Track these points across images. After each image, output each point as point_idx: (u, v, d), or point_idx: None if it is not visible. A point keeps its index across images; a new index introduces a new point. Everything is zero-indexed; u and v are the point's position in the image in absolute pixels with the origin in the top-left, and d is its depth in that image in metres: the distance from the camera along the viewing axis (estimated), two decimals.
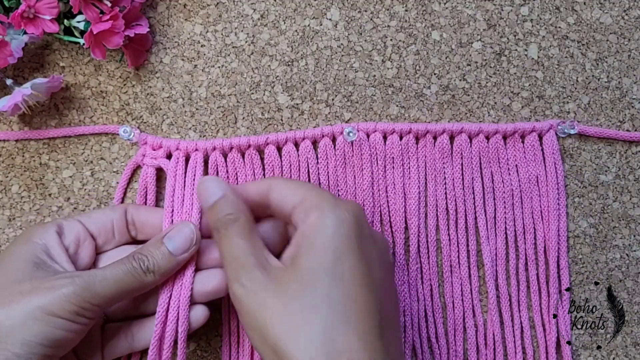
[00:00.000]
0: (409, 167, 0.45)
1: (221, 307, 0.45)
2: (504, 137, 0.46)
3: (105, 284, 0.36)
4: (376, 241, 0.38)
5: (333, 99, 0.46)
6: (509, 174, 0.46)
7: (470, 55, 0.46)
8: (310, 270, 0.34)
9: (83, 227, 0.41)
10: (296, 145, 0.46)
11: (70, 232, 0.40)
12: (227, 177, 0.45)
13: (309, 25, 0.46)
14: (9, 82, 0.44)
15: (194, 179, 0.43)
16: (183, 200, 0.43)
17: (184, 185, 0.43)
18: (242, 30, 0.46)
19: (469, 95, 0.46)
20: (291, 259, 0.36)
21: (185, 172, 0.44)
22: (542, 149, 0.46)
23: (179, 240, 0.39)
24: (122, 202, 0.46)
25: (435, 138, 0.46)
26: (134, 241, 0.43)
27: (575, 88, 0.47)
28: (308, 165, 0.45)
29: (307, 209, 0.36)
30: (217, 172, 0.45)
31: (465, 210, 0.45)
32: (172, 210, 0.42)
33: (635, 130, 0.47)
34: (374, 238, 0.37)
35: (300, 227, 0.36)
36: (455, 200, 0.45)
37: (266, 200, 0.39)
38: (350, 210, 0.36)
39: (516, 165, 0.46)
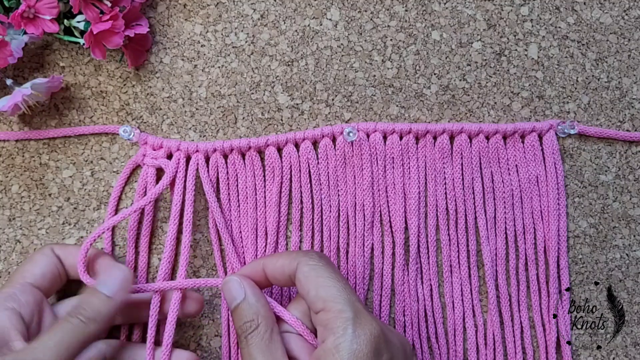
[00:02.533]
0: (409, 167, 0.45)
1: (221, 308, 0.45)
2: (504, 137, 0.46)
3: (49, 353, 0.35)
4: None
5: (333, 99, 0.46)
6: (509, 174, 0.46)
7: (470, 55, 0.46)
8: None
9: (37, 290, 0.40)
10: (296, 146, 0.46)
11: (28, 303, 0.39)
12: (228, 178, 0.45)
13: (309, 25, 0.46)
14: (9, 82, 0.44)
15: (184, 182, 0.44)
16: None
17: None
18: (242, 30, 0.46)
19: (469, 95, 0.46)
20: None
21: (186, 173, 0.44)
22: (542, 149, 0.46)
23: (112, 283, 0.39)
24: (119, 202, 0.46)
25: (435, 138, 0.46)
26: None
27: (575, 88, 0.47)
28: (309, 165, 0.45)
29: (325, 325, 0.35)
30: (218, 174, 0.45)
31: (465, 210, 0.45)
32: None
33: (635, 130, 0.47)
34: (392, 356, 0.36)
35: (319, 346, 0.35)
36: (455, 200, 0.45)
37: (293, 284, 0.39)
38: (368, 341, 0.35)
39: (516, 165, 0.46)
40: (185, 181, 0.44)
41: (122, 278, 0.40)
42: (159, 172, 0.45)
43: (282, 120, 0.46)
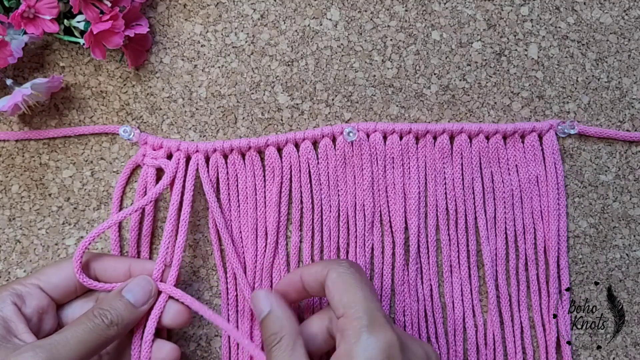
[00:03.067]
0: (409, 167, 0.45)
1: (221, 308, 0.45)
2: (504, 137, 0.46)
3: (69, 348, 0.36)
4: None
5: (333, 99, 0.46)
6: (509, 174, 0.46)
7: (470, 55, 0.46)
8: None
9: (44, 294, 0.40)
10: (296, 146, 0.46)
11: (32, 301, 0.39)
12: (228, 178, 0.45)
13: (309, 25, 0.46)
14: (9, 82, 0.44)
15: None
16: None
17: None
18: (242, 30, 0.46)
19: (469, 95, 0.46)
20: None
21: (185, 174, 0.44)
22: (542, 149, 0.46)
23: (138, 292, 0.40)
24: (121, 201, 0.46)
25: (435, 138, 0.46)
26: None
27: (575, 88, 0.47)
28: (309, 165, 0.45)
29: (342, 331, 0.36)
30: (218, 174, 0.45)
31: (465, 210, 0.45)
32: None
33: (635, 130, 0.47)
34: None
35: (336, 350, 0.36)
36: (455, 200, 0.45)
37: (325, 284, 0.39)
38: (380, 346, 0.35)
39: (516, 165, 0.46)
40: (184, 181, 0.44)
41: (150, 291, 0.41)
42: (159, 172, 0.45)
43: (282, 120, 0.46)
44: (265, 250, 0.45)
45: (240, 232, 0.45)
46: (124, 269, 0.42)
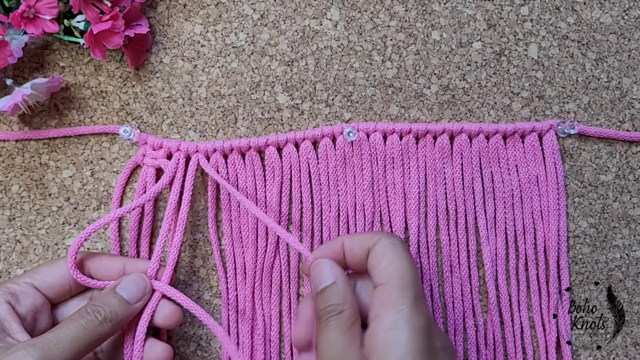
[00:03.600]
0: (409, 167, 0.45)
1: (221, 308, 0.45)
2: (504, 137, 0.46)
3: (62, 345, 0.35)
4: (446, 352, 0.36)
5: (333, 99, 0.46)
6: (509, 174, 0.46)
7: (470, 55, 0.46)
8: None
9: (39, 293, 0.40)
10: (296, 146, 0.46)
11: (26, 300, 0.39)
12: (228, 178, 0.45)
13: (309, 25, 0.46)
14: (9, 82, 0.44)
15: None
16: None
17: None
18: (242, 30, 0.46)
19: (469, 95, 0.46)
20: None
21: (185, 174, 0.44)
22: (542, 149, 0.46)
23: (132, 288, 0.40)
24: (121, 201, 0.46)
25: (435, 138, 0.46)
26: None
27: (575, 88, 0.47)
28: (309, 165, 0.45)
29: (384, 299, 0.35)
30: (218, 174, 0.45)
31: (465, 210, 0.45)
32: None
33: (635, 130, 0.47)
34: (445, 349, 0.36)
35: (373, 324, 0.35)
36: (455, 200, 0.45)
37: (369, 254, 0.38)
38: (424, 321, 0.35)
39: (516, 165, 0.46)
40: (183, 181, 0.44)
41: (144, 288, 0.40)
42: (159, 172, 0.45)
43: (282, 120, 0.46)
44: (265, 250, 0.45)
45: (240, 232, 0.45)
46: (118, 268, 0.42)
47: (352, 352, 0.35)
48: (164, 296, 0.41)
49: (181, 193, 0.44)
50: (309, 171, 0.45)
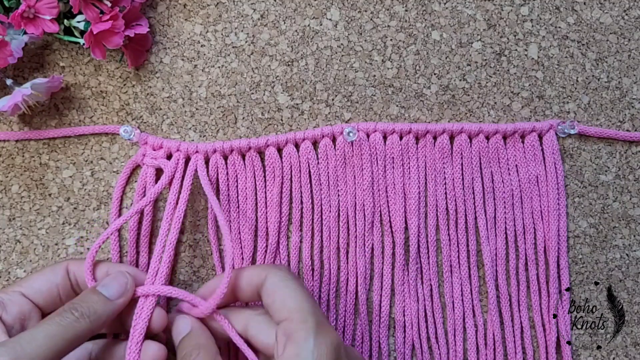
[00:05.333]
0: (409, 167, 0.45)
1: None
2: (504, 137, 0.46)
3: (36, 344, 0.34)
4: None
5: (333, 99, 0.46)
6: (509, 174, 0.46)
7: (470, 55, 0.46)
8: None
9: (27, 300, 0.39)
10: (296, 146, 0.46)
11: (13, 308, 0.38)
12: (228, 178, 0.45)
13: (309, 25, 0.46)
14: (9, 82, 0.44)
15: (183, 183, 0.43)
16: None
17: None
18: (242, 30, 0.46)
19: (469, 95, 0.46)
20: None
21: (184, 174, 0.44)
22: (542, 149, 0.46)
23: (113, 286, 0.39)
24: (121, 201, 0.46)
25: (435, 138, 0.46)
26: None
27: (575, 88, 0.47)
28: (309, 165, 0.45)
29: (287, 334, 0.35)
30: (218, 174, 0.45)
31: (465, 210, 0.45)
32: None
33: (635, 130, 0.47)
34: None
35: (280, 355, 0.35)
36: (455, 200, 0.45)
37: (260, 291, 0.39)
38: (328, 346, 0.35)
39: (516, 165, 0.46)
40: (182, 182, 0.44)
41: (125, 283, 0.39)
42: (159, 172, 0.45)
43: (282, 120, 0.46)
44: (266, 251, 0.45)
45: (240, 232, 0.45)
46: (103, 274, 0.41)
47: None
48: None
49: (179, 193, 0.44)
50: (309, 171, 0.45)
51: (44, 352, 0.34)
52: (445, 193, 0.46)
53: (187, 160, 0.45)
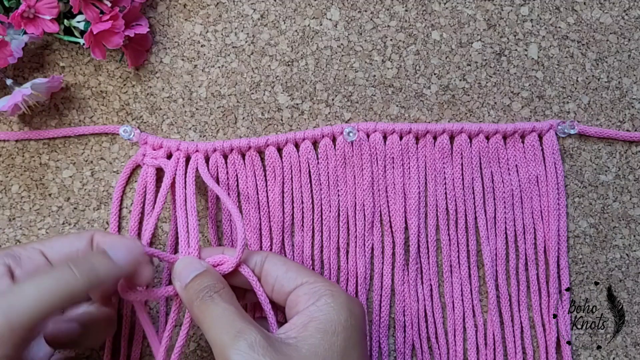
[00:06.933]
0: (409, 167, 0.45)
1: None
2: (504, 137, 0.46)
3: (26, 299, 0.31)
4: (366, 342, 0.38)
5: (333, 99, 0.46)
6: (509, 174, 0.46)
7: (470, 55, 0.46)
8: (319, 352, 0.34)
9: (44, 259, 0.37)
10: (296, 146, 0.46)
11: (28, 264, 0.36)
12: (227, 178, 0.45)
13: (309, 25, 0.46)
14: (9, 82, 0.44)
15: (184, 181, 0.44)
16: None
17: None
18: (242, 30, 0.46)
19: (469, 95, 0.46)
20: (296, 336, 0.35)
21: (185, 173, 0.44)
22: (542, 149, 0.46)
23: (120, 249, 0.36)
24: (121, 201, 0.46)
25: (435, 138, 0.46)
26: None
27: (575, 88, 0.47)
28: (309, 165, 0.45)
29: (315, 292, 0.36)
30: (218, 174, 0.45)
31: (465, 210, 0.45)
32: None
33: (635, 130, 0.47)
34: (366, 339, 0.38)
35: (308, 307, 0.36)
36: (455, 200, 0.45)
37: (256, 270, 0.39)
38: (359, 305, 0.37)
39: (516, 165, 0.46)
40: (185, 179, 0.44)
41: (134, 248, 0.37)
42: (159, 172, 0.45)
43: (282, 120, 0.46)
44: (270, 251, 0.45)
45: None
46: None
47: (254, 322, 0.35)
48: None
49: (185, 187, 0.43)
50: (309, 171, 0.45)
51: (33, 307, 0.31)
52: (445, 193, 0.46)
53: (187, 159, 0.45)
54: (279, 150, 0.46)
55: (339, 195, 0.45)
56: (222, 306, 0.35)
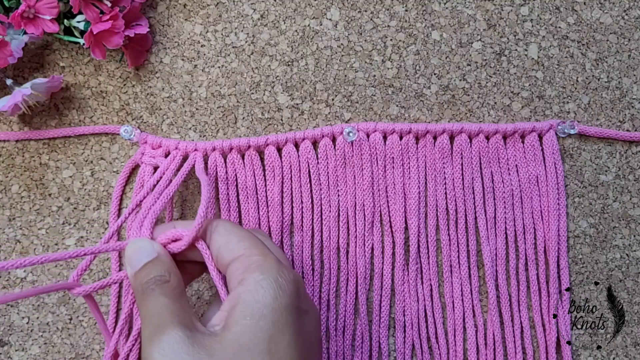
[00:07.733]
0: (409, 167, 0.45)
1: None
2: (504, 137, 0.46)
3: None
4: (311, 316, 0.34)
5: (333, 99, 0.46)
6: (509, 174, 0.46)
7: (470, 55, 0.46)
8: (243, 341, 0.30)
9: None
10: (296, 145, 0.46)
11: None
12: (227, 177, 0.45)
13: (309, 25, 0.46)
14: (9, 82, 0.44)
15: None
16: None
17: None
18: (242, 30, 0.46)
19: (469, 95, 0.46)
20: (222, 324, 0.32)
21: (179, 169, 0.44)
22: (542, 149, 0.46)
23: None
24: (121, 201, 0.46)
25: (435, 138, 0.46)
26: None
27: (575, 88, 0.47)
28: (308, 165, 0.45)
29: (247, 266, 0.33)
30: (217, 173, 0.45)
31: (465, 210, 0.45)
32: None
33: (635, 130, 0.47)
34: (309, 313, 0.34)
35: (236, 287, 0.33)
36: (455, 200, 0.45)
37: (206, 241, 0.36)
38: (292, 280, 0.33)
39: (516, 165, 0.46)
40: (181, 177, 0.44)
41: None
42: (157, 170, 0.45)
43: (282, 120, 0.46)
44: None
45: None
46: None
47: (187, 315, 0.32)
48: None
49: (175, 174, 0.42)
50: (309, 171, 0.45)
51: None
52: (445, 193, 0.46)
53: (186, 159, 0.45)
54: (279, 150, 0.46)
55: (338, 195, 0.45)
56: (160, 301, 0.33)
